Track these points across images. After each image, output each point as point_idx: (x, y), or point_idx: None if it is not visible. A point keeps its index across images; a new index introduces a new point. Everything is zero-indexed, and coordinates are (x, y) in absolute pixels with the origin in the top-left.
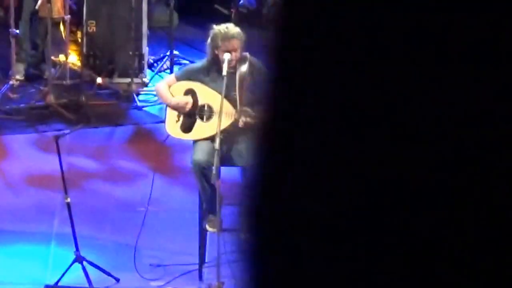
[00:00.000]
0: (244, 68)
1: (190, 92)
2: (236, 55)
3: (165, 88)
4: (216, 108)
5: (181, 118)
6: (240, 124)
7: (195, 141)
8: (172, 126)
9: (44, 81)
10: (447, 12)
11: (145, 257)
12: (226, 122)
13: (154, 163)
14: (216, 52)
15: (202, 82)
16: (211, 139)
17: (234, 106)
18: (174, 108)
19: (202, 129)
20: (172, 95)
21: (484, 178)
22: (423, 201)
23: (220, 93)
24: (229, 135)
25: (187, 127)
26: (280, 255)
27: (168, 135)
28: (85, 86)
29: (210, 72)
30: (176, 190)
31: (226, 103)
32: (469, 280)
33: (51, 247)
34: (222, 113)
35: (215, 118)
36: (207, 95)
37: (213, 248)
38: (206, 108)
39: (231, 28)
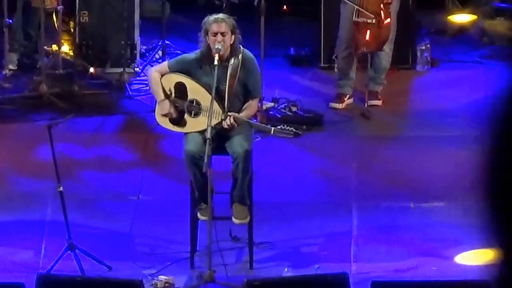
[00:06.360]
0: (236, 60)
1: (180, 86)
2: (225, 39)
3: (157, 81)
4: (204, 105)
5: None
6: (225, 126)
7: (186, 132)
8: (161, 116)
9: (37, 71)
10: None
11: (137, 245)
12: (213, 121)
13: (145, 152)
14: (207, 40)
15: (195, 74)
16: (201, 132)
17: (222, 100)
18: (158, 104)
19: (190, 123)
20: (162, 86)
21: None
22: None
23: (211, 86)
24: (219, 126)
25: (175, 119)
26: None
27: (157, 124)
28: (78, 75)
29: (203, 64)
30: (167, 179)
31: (214, 103)
32: None
33: (44, 235)
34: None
35: (202, 115)
36: (197, 91)
37: (204, 236)
38: (194, 103)
39: (221, 14)
